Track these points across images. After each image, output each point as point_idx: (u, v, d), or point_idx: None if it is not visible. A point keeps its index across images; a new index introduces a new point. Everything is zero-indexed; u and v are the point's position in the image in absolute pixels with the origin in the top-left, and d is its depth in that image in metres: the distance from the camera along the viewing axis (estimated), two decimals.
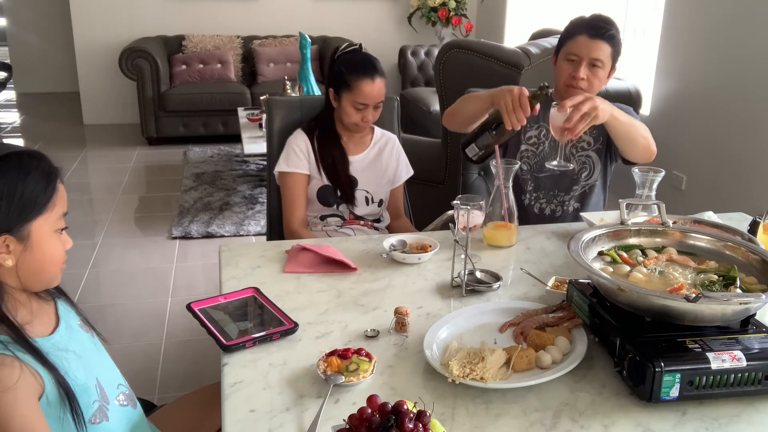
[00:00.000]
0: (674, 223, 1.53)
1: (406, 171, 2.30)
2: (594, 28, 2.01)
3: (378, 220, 2.27)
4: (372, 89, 2.06)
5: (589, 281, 1.36)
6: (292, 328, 1.33)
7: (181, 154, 5.64)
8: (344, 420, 0.98)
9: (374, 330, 1.35)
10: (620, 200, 1.47)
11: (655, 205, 1.52)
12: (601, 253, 1.41)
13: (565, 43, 2.06)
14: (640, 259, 1.39)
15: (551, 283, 1.55)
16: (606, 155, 2.13)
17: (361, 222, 2.22)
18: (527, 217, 2.13)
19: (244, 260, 1.69)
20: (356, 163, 2.20)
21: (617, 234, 1.45)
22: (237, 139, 5.18)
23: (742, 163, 3.35)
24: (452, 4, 6.32)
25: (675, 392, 1.10)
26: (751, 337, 1.17)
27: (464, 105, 1.97)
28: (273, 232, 2.36)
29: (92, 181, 5.07)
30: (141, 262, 3.61)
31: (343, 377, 1.16)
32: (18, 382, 1.01)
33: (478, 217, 1.77)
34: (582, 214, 1.96)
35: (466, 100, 1.99)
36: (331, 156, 2.16)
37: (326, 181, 2.16)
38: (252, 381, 1.19)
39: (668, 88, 3.90)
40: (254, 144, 4.53)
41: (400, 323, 1.35)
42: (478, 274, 1.58)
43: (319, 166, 2.15)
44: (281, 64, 6.27)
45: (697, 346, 1.14)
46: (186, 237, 3.95)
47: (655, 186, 1.76)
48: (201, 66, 6.05)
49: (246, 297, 1.47)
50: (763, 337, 1.17)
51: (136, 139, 5.99)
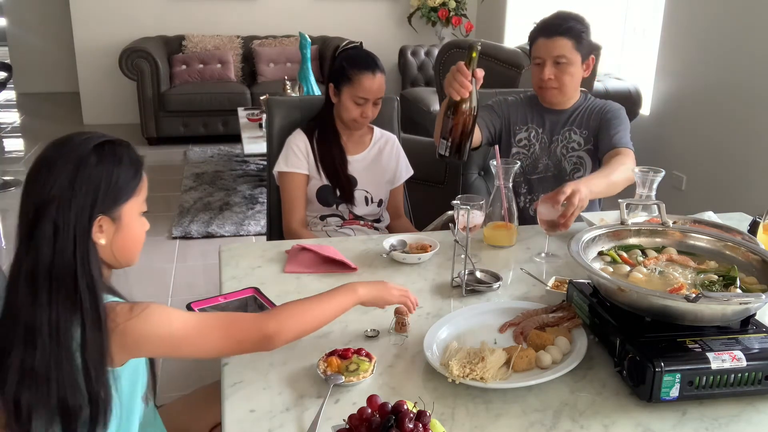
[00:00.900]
0: (674, 223, 1.53)
1: (406, 171, 2.30)
2: (548, 26, 2.04)
3: (378, 220, 2.27)
4: (372, 83, 2.07)
5: (589, 281, 1.36)
6: None
7: (181, 154, 5.64)
8: (344, 420, 0.98)
9: (374, 330, 1.35)
10: (620, 200, 1.47)
11: (655, 205, 1.52)
12: (601, 253, 1.41)
13: (531, 50, 2.10)
14: (640, 259, 1.39)
15: (551, 283, 1.54)
16: (597, 154, 2.12)
17: (361, 222, 2.22)
18: (524, 219, 2.12)
19: (244, 260, 1.69)
20: (356, 163, 2.20)
21: (617, 234, 1.45)
22: (237, 139, 5.18)
23: (742, 163, 3.35)
24: (452, 4, 6.31)
25: (675, 392, 1.10)
26: (751, 337, 1.17)
27: (438, 118, 1.97)
28: (273, 232, 2.36)
29: None
30: (141, 262, 3.57)
31: (343, 377, 1.16)
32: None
33: (478, 217, 1.77)
34: (582, 214, 1.96)
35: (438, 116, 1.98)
36: (330, 154, 2.16)
37: (325, 181, 2.16)
38: (252, 381, 1.19)
39: (668, 88, 3.90)
40: (254, 144, 4.53)
41: (400, 323, 1.35)
42: (478, 274, 1.58)
43: (318, 166, 2.15)
44: (281, 64, 6.27)
45: (697, 346, 1.14)
46: (186, 237, 3.95)
47: (655, 186, 1.76)
48: (201, 66, 6.05)
49: (246, 297, 1.47)
50: (763, 337, 1.17)
51: (136, 139, 5.97)
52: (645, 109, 4.05)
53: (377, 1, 6.73)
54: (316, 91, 4.66)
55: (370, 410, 0.95)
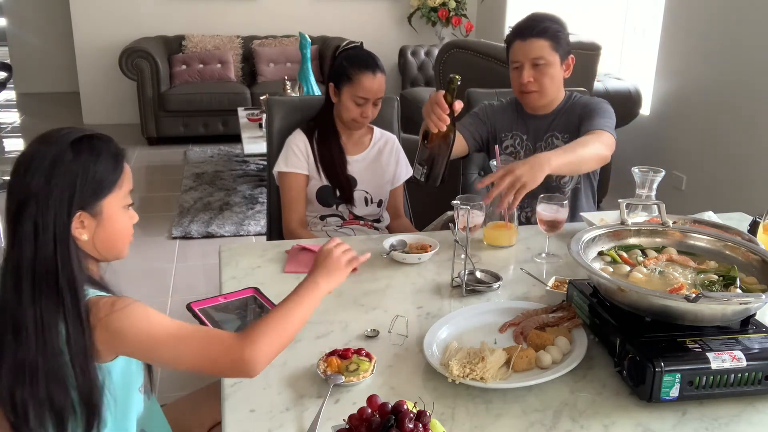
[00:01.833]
0: (674, 223, 1.53)
1: (406, 171, 2.30)
2: (523, 29, 2.01)
3: (378, 220, 2.27)
4: (373, 83, 2.07)
5: (589, 281, 1.36)
6: None
7: (181, 154, 5.64)
8: (344, 420, 0.98)
9: (374, 330, 1.35)
10: (620, 200, 1.47)
11: (655, 205, 1.52)
12: (601, 253, 1.41)
13: (508, 55, 2.06)
14: (640, 259, 1.39)
15: (551, 283, 1.54)
16: None
17: (361, 222, 2.22)
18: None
19: (244, 260, 1.69)
20: (355, 164, 2.20)
21: (617, 234, 1.45)
22: (237, 139, 5.18)
23: (742, 163, 3.35)
24: (452, 4, 6.31)
25: (675, 392, 1.10)
26: (751, 337, 1.17)
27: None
28: (273, 232, 2.36)
29: None
30: (141, 262, 3.61)
31: (343, 377, 1.16)
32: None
33: (478, 217, 1.77)
34: (582, 214, 1.96)
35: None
36: (330, 155, 2.16)
37: (325, 181, 2.16)
38: (252, 381, 1.19)
39: (668, 88, 3.90)
40: (254, 144, 4.53)
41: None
42: (478, 274, 1.58)
43: (318, 166, 2.15)
44: (281, 64, 6.27)
45: (697, 346, 1.14)
46: (186, 237, 3.94)
47: (655, 186, 1.76)
48: (201, 66, 6.05)
49: (246, 297, 1.47)
50: (763, 337, 1.17)
51: (136, 139, 5.98)
52: (645, 109, 4.04)
53: (377, 1, 6.73)
54: (316, 91, 4.65)
55: (370, 410, 0.95)
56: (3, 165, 5.32)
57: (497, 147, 1.96)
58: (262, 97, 4.79)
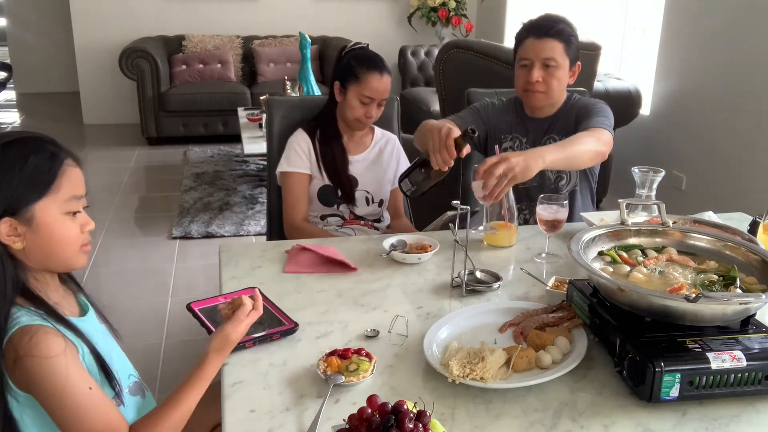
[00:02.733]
0: (674, 223, 1.53)
1: None
2: (539, 28, 1.98)
3: (378, 220, 2.27)
4: (380, 84, 2.07)
5: (589, 281, 1.36)
6: (292, 328, 1.33)
7: (181, 154, 5.64)
8: (344, 420, 0.98)
9: (374, 330, 1.35)
10: (620, 200, 1.47)
11: (655, 205, 1.52)
12: (601, 253, 1.40)
13: (517, 51, 2.04)
14: (640, 259, 1.39)
15: (551, 283, 1.54)
16: None
17: (362, 222, 2.23)
18: None
19: (244, 260, 1.69)
20: (357, 164, 2.20)
21: (617, 234, 1.45)
22: (237, 139, 5.19)
23: (742, 163, 3.35)
24: (452, 4, 6.32)
25: (675, 392, 1.10)
26: (751, 337, 1.17)
27: (419, 135, 1.92)
28: (273, 232, 2.36)
29: (92, 181, 5.03)
30: (141, 262, 3.61)
31: (343, 377, 1.16)
32: (66, 349, 1.07)
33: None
34: (582, 214, 1.96)
35: (421, 128, 1.92)
36: (332, 155, 2.16)
37: (327, 181, 2.16)
38: (252, 381, 1.19)
39: (668, 88, 3.90)
40: (254, 144, 4.53)
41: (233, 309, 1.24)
42: (478, 274, 1.58)
43: (320, 165, 2.15)
44: (281, 64, 6.27)
45: (697, 346, 1.14)
46: (186, 237, 3.94)
47: (655, 186, 1.76)
48: (201, 66, 6.05)
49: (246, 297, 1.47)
50: (763, 337, 1.17)
51: (136, 139, 5.99)
52: (645, 109, 4.04)
53: (377, 1, 6.73)
54: (316, 91, 4.65)
55: (370, 410, 0.95)
56: None
57: (497, 147, 1.96)
58: (262, 97, 4.79)
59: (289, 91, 4.77)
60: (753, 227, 1.77)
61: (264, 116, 4.45)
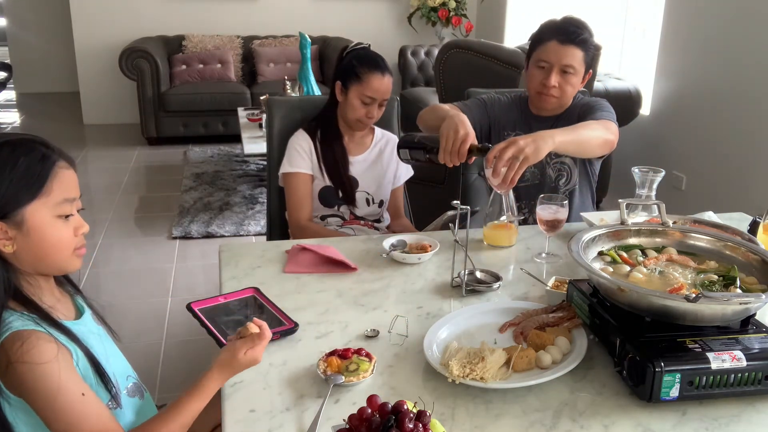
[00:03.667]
0: (674, 223, 1.53)
1: (406, 171, 2.30)
2: (565, 33, 1.96)
3: (378, 221, 2.27)
4: (381, 84, 2.07)
5: (589, 281, 1.36)
6: (292, 328, 1.33)
7: (181, 154, 5.64)
8: (344, 420, 0.98)
9: (374, 330, 1.35)
10: (620, 200, 1.47)
11: (655, 205, 1.52)
12: (601, 253, 1.40)
13: (535, 49, 2.01)
14: (640, 259, 1.39)
15: (551, 283, 1.54)
16: (581, 158, 2.09)
17: (362, 222, 2.22)
18: None
19: (244, 260, 1.69)
20: (357, 164, 2.20)
21: (617, 234, 1.45)
22: (237, 139, 5.19)
23: (742, 163, 3.35)
24: (452, 4, 6.32)
25: (675, 392, 1.10)
26: (751, 337, 1.17)
27: (429, 116, 1.94)
28: (273, 232, 2.36)
29: (92, 181, 5.07)
30: (141, 262, 3.61)
31: (343, 377, 1.16)
32: (59, 354, 1.07)
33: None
34: (582, 214, 1.96)
35: (431, 111, 1.95)
36: (333, 154, 2.16)
37: (328, 182, 2.16)
38: (252, 381, 1.19)
39: (668, 88, 3.90)
40: (254, 144, 4.53)
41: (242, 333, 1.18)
42: (478, 274, 1.58)
43: (321, 165, 2.15)
44: (281, 64, 6.27)
45: (697, 346, 1.14)
46: (186, 237, 3.94)
47: (655, 186, 1.76)
48: (201, 66, 6.05)
49: (246, 297, 1.47)
50: (763, 337, 1.17)
51: (136, 139, 5.99)
52: (645, 109, 4.05)
53: (377, 1, 6.73)
54: (316, 91, 4.65)
55: (370, 410, 0.95)
56: None
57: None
58: (262, 97, 4.80)
59: (289, 91, 4.77)
60: (753, 227, 1.77)
61: (264, 116, 4.45)
